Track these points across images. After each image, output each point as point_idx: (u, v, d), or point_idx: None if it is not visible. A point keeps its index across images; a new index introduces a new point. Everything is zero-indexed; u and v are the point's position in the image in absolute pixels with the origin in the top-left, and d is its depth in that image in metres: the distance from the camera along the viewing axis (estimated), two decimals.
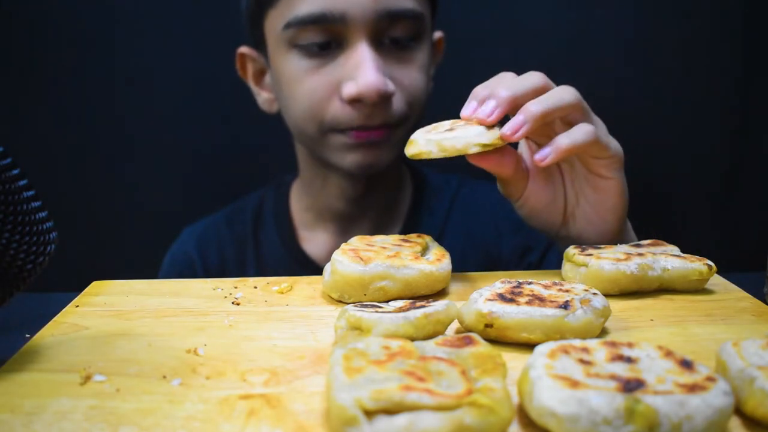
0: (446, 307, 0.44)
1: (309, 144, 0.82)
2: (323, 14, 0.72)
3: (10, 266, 0.41)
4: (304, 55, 0.76)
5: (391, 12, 0.73)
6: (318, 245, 0.90)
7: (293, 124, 0.81)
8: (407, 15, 0.75)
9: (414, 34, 0.77)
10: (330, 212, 0.88)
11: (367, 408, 0.31)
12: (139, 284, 0.57)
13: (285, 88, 0.79)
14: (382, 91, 0.72)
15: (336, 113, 0.75)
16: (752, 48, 1.05)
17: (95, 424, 0.35)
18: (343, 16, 0.72)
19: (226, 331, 0.47)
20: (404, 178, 0.92)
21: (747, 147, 1.08)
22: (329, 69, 0.75)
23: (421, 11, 0.77)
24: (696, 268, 0.53)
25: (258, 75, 0.87)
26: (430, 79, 0.85)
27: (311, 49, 0.75)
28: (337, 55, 0.75)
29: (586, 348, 0.37)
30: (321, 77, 0.75)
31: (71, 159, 1.11)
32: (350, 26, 0.73)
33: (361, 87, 0.72)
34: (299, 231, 0.91)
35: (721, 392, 0.32)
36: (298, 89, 0.77)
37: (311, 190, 0.89)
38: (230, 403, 0.37)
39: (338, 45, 0.75)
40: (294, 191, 0.94)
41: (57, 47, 1.08)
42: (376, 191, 0.86)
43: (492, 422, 0.31)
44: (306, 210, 0.91)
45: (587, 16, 1.06)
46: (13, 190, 0.41)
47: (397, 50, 0.76)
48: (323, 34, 0.74)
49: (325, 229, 0.89)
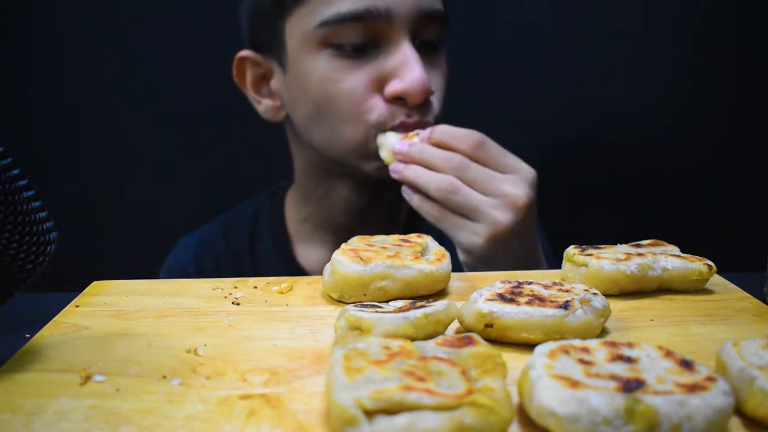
0: (446, 307, 0.44)
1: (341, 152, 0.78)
2: (368, 10, 0.71)
3: (10, 266, 0.41)
4: (338, 55, 0.74)
5: (428, 12, 0.74)
6: (314, 258, 0.89)
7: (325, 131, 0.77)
8: (440, 16, 0.76)
9: (441, 37, 0.78)
10: (329, 224, 0.87)
11: (367, 408, 0.31)
12: (139, 284, 0.57)
13: (315, 90, 0.76)
14: (428, 89, 0.72)
15: (381, 112, 0.74)
16: (753, 48, 1.05)
17: (95, 424, 0.35)
18: (388, 13, 0.71)
19: (226, 331, 0.47)
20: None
21: (747, 147, 1.08)
22: (369, 68, 0.74)
23: (448, 15, 0.78)
24: (696, 268, 0.53)
25: (258, 81, 0.84)
26: None
27: (346, 48, 0.73)
28: (376, 54, 0.74)
29: (586, 348, 0.37)
30: (361, 75, 0.74)
31: (71, 159, 1.11)
32: (395, 24, 0.72)
33: (408, 84, 0.72)
34: (295, 244, 0.90)
35: (721, 392, 0.32)
36: (335, 89, 0.75)
37: (310, 201, 0.87)
38: (230, 403, 0.37)
39: (375, 44, 0.74)
40: (289, 200, 0.92)
41: (58, 48, 1.08)
42: (380, 203, 0.85)
43: (492, 422, 0.31)
44: (303, 221, 0.89)
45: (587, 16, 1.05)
46: (13, 190, 0.41)
47: (429, 53, 0.77)
48: (364, 32, 0.73)
49: (322, 241, 0.88)
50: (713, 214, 1.11)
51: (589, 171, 1.07)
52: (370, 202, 0.84)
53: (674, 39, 1.05)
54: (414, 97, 0.72)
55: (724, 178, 1.10)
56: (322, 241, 0.88)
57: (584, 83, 1.05)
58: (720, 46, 1.05)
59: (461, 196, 0.66)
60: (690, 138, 1.08)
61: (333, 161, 0.80)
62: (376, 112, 0.74)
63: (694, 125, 1.08)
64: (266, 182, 0.98)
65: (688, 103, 1.07)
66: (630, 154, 1.07)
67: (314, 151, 0.81)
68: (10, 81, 1.08)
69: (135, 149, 1.12)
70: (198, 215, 0.99)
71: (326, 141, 0.79)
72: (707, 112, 1.08)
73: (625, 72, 1.06)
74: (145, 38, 1.08)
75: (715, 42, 1.05)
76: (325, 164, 0.82)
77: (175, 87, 1.10)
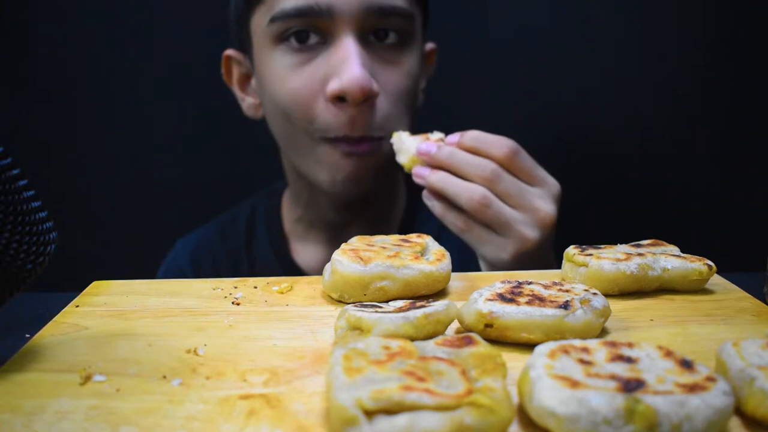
0: (446, 307, 0.44)
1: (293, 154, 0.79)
2: (310, 7, 0.70)
3: (10, 266, 0.41)
4: (288, 52, 0.74)
5: (379, 7, 0.72)
6: (310, 257, 0.89)
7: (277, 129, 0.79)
8: (396, 13, 0.73)
9: (402, 36, 0.75)
10: (321, 222, 0.87)
11: (367, 408, 0.31)
12: (139, 284, 0.57)
13: (269, 88, 0.76)
14: (366, 88, 0.69)
15: (324, 115, 0.73)
16: (753, 48, 1.05)
17: (95, 424, 0.35)
18: (329, 9, 0.70)
19: (226, 331, 0.47)
20: (398, 185, 0.90)
21: (747, 147, 1.08)
22: (313, 66, 0.73)
23: (410, 11, 0.75)
24: (696, 268, 0.53)
25: (243, 79, 0.85)
26: (420, 91, 0.83)
27: (293, 45, 0.73)
28: (321, 51, 0.73)
29: (586, 348, 0.37)
30: (305, 74, 0.73)
31: (71, 159, 1.11)
32: (336, 20, 0.71)
33: (344, 83, 0.69)
34: (291, 243, 0.90)
35: (721, 392, 0.32)
36: (282, 89, 0.74)
37: (300, 201, 0.87)
38: (230, 403, 0.37)
39: (323, 41, 0.73)
40: (285, 200, 0.92)
41: (57, 47, 1.08)
42: (368, 200, 0.84)
43: (492, 422, 0.31)
44: (297, 221, 0.90)
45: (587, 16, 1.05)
46: (13, 190, 0.41)
47: (384, 51, 0.74)
48: (308, 28, 0.72)
49: (317, 239, 0.88)
50: (713, 214, 1.11)
51: (589, 171, 1.07)
52: (357, 200, 0.83)
53: (674, 39, 1.05)
54: (351, 96, 0.70)
55: (724, 178, 1.10)
56: (317, 240, 0.88)
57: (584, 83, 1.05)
58: (720, 46, 1.05)
59: (493, 210, 0.63)
60: (690, 138, 1.08)
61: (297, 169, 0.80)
62: (319, 114, 0.73)
63: (694, 125, 1.08)
64: (266, 184, 0.98)
65: (688, 102, 1.07)
66: (630, 154, 1.07)
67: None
68: (10, 81, 1.08)
69: (134, 149, 1.12)
70: (198, 215, 0.99)
71: (282, 140, 0.80)
72: (707, 112, 1.08)
73: (625, 72, 1.06)
74: (144, 38, 1.08)
75: (716, 42, 1.05)
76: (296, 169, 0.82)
77: (174, 88, 1.10)
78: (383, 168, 0.78)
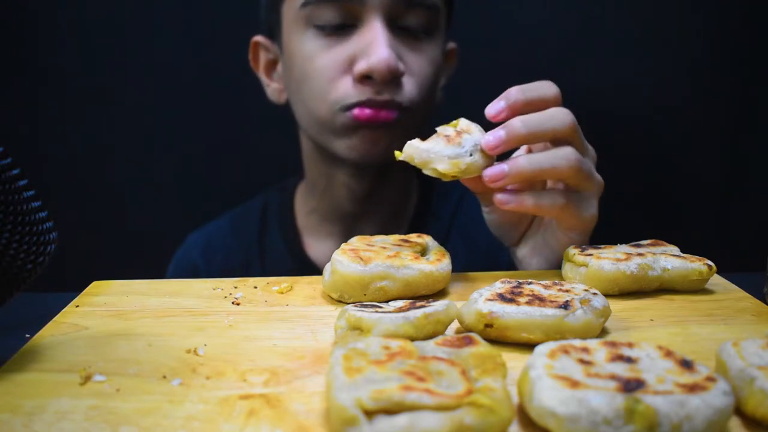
0: (446, 307, 0.44)
1: (315, 130, 0.81)
2: None
3: (10, 266, 0.41)
4: (319, 35, 0.76)
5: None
6: (322, 251, 0.89)
7: (302, 108, 0.81)
8: (423, 3, 0.76)
9: (427, 25, 0.78)
10: (335, 214, 0.88)
11: (367, 408, 0.31)
12: (139, 284, 0.57)
13: (297, 68, 0.79)
14: (393, 67, 0.72)
15: (346, 90, 0.75)
16: (753, 47, 1.05)
17: (95, 424, 0.35)
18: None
19: (226, 331, 0.47)
20: (411, 183, 0.92)
21: (747, 147, 1.08)
22: (342, 48, 0.76)
23: (436, 3, 0.78)
24: (696, 268, 0.53)
25: (270, 66, 0.88)
26: (440, 87, 0.85)
27: (326, 28, 0.76)
28: (351, 34, 0.76)
29: (586, 348, 0.37)
30: (333, 55, 0.76)
31: (72, 159, 1.11)
32: (367, 6, 0.74)
33: (372, 62, 0.72)
34: (304, 237, 0.91)
35: (721, 392, 0.32)
36: (310, 68, 0.77)
37: (316, 191, 0.88)
38: (230, 403, 0.37)
39: (353, 25, 0.76)
40: (299, 194, 0.93)
41: (57, 47, 1.08)
42: (382, 191, 0.85)
43: (492, 422, 0.31)
44: (310, 213, 0.90)
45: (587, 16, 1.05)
46: (13, 190, 0.41)
47: (409, 38, 0.77)
48: (339, 13, 0.75)
49: (330, 232, 0.89)
50: (713, 214, 1.11)
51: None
52: (372, 188, 0.84)
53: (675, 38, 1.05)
54: (379, 74, 0.72)
55: (725, 178, 1.10)
56: (330, 233, 0.89)
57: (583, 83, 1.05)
58: (721, 46, 1.05)
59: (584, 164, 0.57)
60: (690, 137, 1.08)
61: (315, 141, 0.82)
62: (341, 89, 0.76)
63: (694, 125, 1.08)
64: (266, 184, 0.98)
65: (688, 102, 1.07)
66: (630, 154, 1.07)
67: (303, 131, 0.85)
68: (10, 81, 1.08)
69: (135, 149, 1.12)
70: (199, 215, 0.99)
71: (303, 118, 0.82)
72: (707, 112, 1.08)
73: (624, 72, 1.06)
74: (148, 34, 1.08)
75: (716, 41, 1.05)
76: (320, 148, 0.83)
77: (177, 85, 1.09)
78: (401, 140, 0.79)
